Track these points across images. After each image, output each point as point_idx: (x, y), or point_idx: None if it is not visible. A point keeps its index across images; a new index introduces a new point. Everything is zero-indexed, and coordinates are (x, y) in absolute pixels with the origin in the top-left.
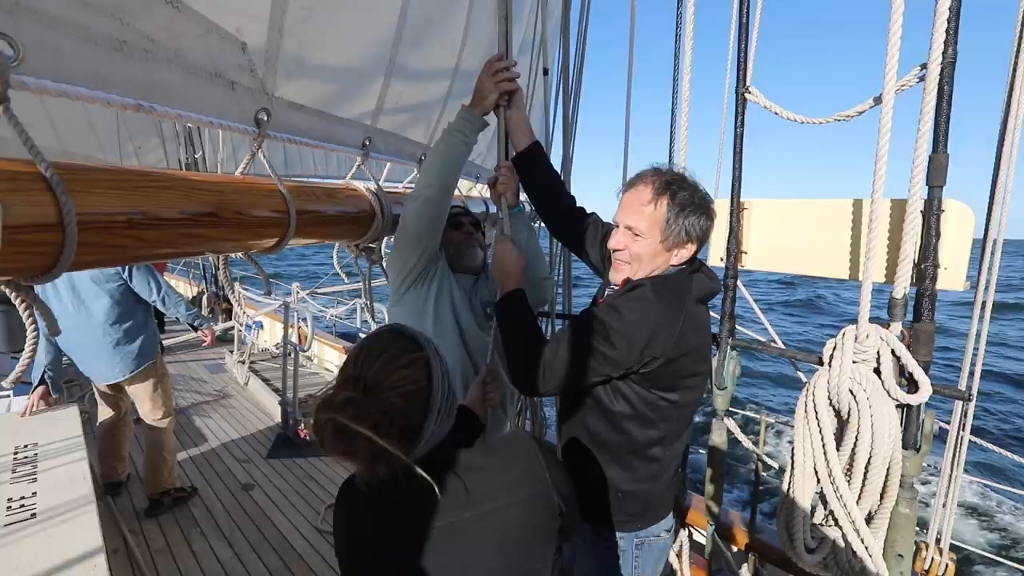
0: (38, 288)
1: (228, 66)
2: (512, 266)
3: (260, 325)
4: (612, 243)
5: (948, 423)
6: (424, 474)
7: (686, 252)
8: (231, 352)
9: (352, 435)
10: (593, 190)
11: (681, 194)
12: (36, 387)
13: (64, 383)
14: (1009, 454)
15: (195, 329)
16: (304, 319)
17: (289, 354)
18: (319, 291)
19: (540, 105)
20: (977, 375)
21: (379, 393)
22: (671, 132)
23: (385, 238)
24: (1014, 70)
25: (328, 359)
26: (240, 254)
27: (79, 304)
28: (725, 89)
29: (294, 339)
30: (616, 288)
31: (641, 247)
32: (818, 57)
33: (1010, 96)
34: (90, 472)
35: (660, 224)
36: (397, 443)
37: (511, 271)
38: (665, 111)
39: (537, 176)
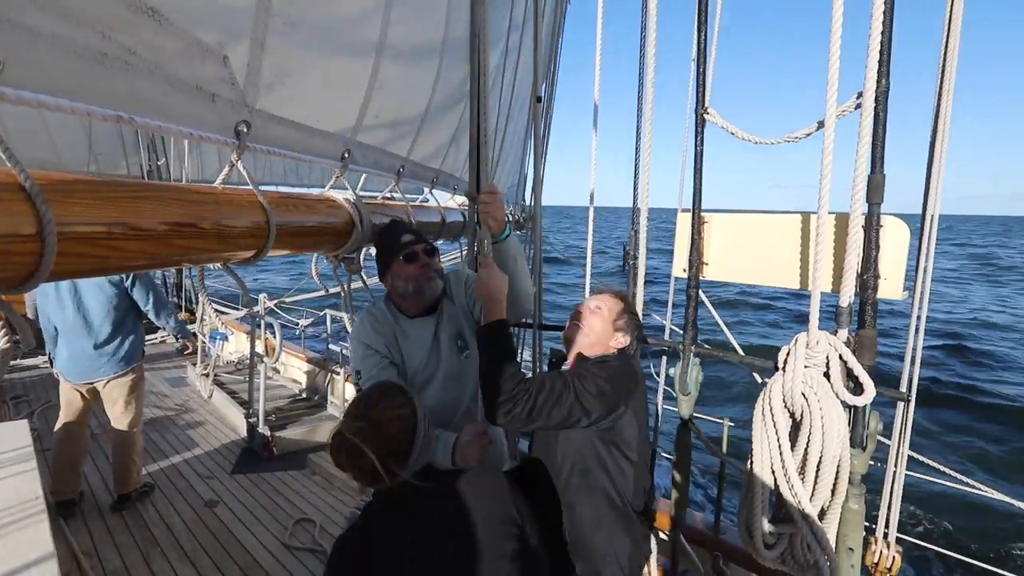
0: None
1: (209, 78)
2: (497, 292)
3: (224, 336)
4: (579, 307)
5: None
6: (422, 484)
7: (623, 341)
8: (193, 365)
9: (361, 455)
10: (563, 190)
11: (632, 306)
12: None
13: (11, 399)
14: (945, 468)
15: (178, 340)
16: (272, 330)
17: (256, 366)
18: (286, 301)
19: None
20: (916, 377)
21: (382, 427)
22: (636, 151)
23: (364, 248)
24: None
25: (296, 368)
26: (219, 265)
27: (78, 301)
28: (687, 111)
29: (260, 350)
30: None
31: (598, 319)
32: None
33: (937, 110)
34: (41, 490)
35: (616, 312)
36: (395, 464)
37: (496, 297)
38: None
39: None
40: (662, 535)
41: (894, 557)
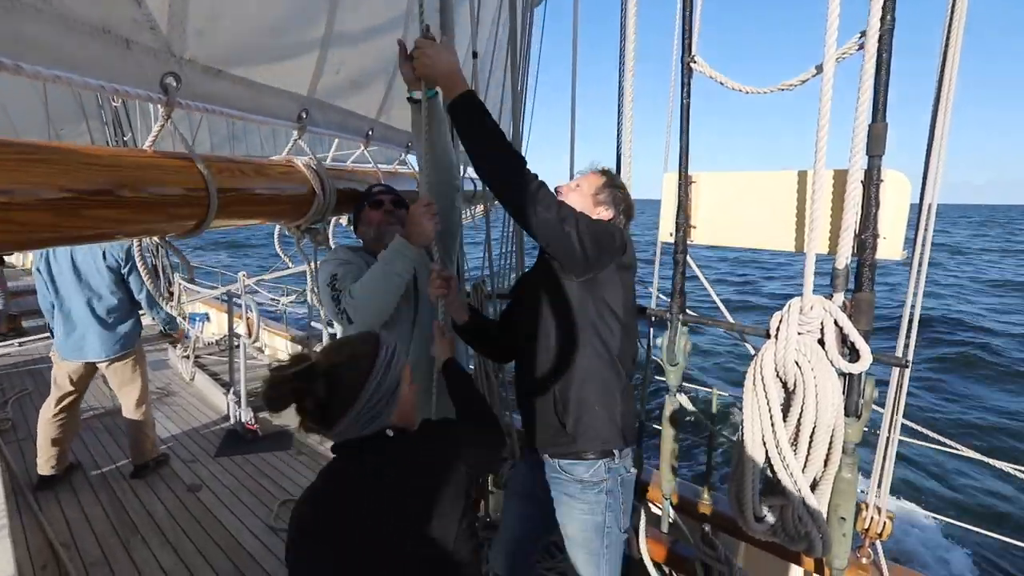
0: (38, 259)
1: (120, 20)
2: (447, 65)
3: (206, 317)
4: (558, 187)
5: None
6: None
7: (606, 215)
8: (174, 347)
9: (277, 395)
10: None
11: (617, 180)
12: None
13: None
14: (938, 436)
15: (165, 332)
16: (250, 308)
17: (236, 346)
18: (267, 278)
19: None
20: (912, 342)
21: (312, 379)
22: (619, 105)
23: (332, 218)
24: (947, 39)
25: (279, 348)
26: (155, 238)
27: (79, 280)
28: (672, 60)
29: (241, 330)
30: None
31: (576, 195)
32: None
33: (943, 66)
34: (2, 491)
35: (596, 186)
36: (311, 419)
37: (449, 71)
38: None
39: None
40: (652, 506)
41: (885, 523)
